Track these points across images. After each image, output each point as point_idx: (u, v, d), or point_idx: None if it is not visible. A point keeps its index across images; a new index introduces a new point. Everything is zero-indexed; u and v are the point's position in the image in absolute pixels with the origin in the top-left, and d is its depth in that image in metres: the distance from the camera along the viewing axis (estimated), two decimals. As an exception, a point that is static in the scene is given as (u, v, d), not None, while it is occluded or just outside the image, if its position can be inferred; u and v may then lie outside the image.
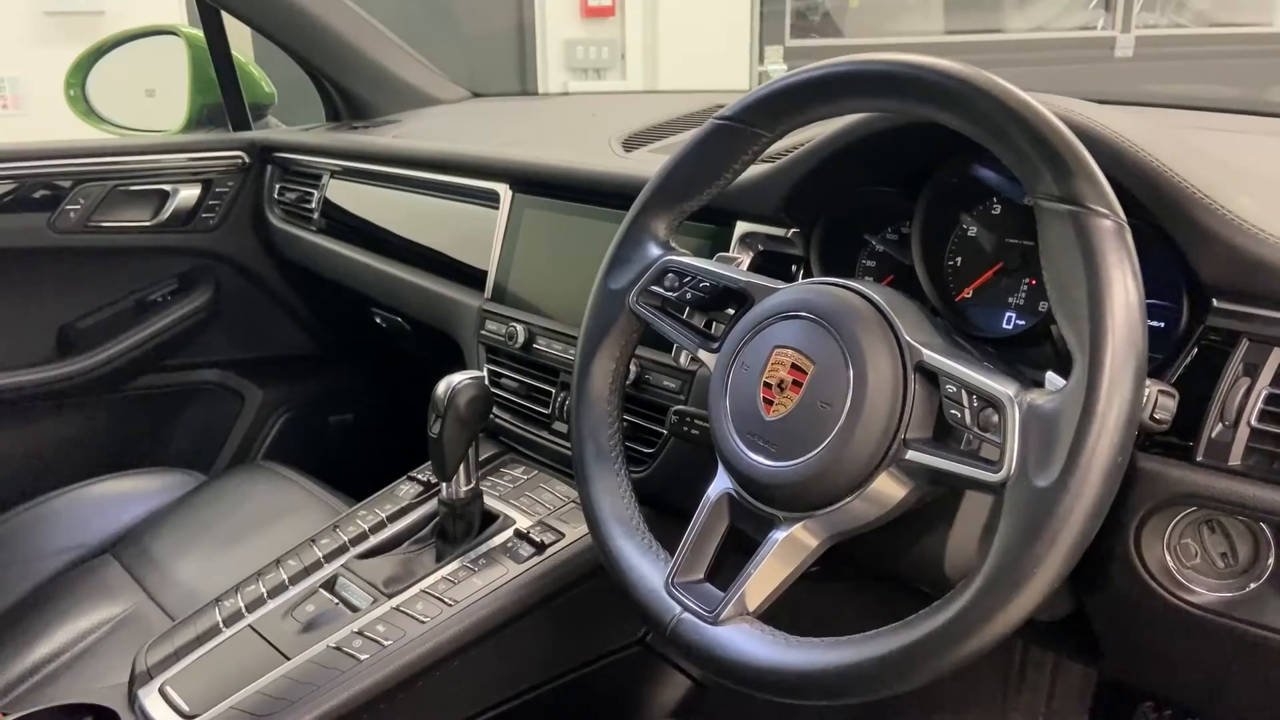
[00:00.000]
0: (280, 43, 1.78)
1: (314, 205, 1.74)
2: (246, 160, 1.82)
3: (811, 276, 1.01)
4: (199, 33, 1.82)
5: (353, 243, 1.67)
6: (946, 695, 1.41)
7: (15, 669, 1.22)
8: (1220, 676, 0.80)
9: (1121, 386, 0.61)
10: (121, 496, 1.54)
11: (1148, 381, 0.70)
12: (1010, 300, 0.91)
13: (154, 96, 2.09)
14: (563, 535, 1.10)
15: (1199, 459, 0.73)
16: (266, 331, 1.96)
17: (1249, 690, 0.80)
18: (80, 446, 1.79)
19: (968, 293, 0.94)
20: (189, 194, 1.77)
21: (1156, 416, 0.70)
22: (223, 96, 1.84)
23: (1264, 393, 0.71)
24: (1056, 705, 1.35)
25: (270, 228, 1.84)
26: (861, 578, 1.00)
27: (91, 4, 3.28)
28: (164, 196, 1.75)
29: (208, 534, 1.42)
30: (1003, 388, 0.66)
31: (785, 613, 0.78)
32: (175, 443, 1.91)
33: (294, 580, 1.11)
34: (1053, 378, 0.67)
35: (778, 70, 3.81)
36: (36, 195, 1.65)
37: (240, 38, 1.86)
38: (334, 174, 1.71)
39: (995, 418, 0.66)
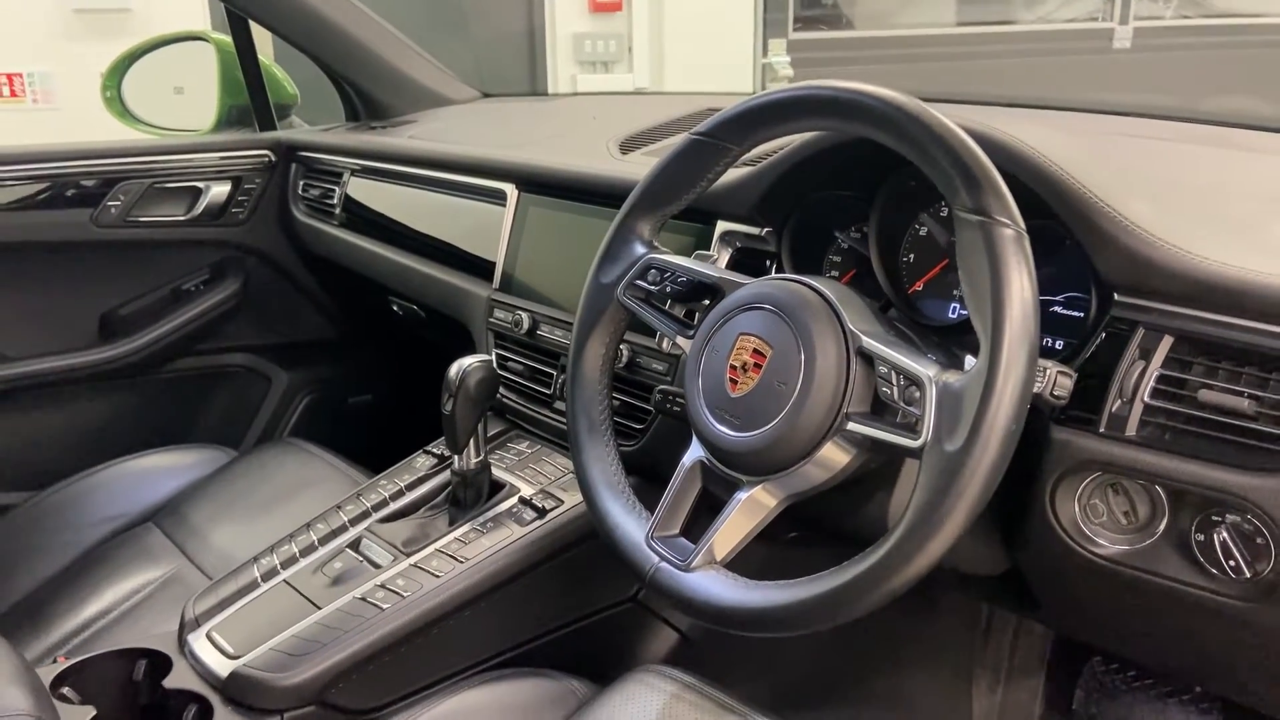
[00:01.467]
0: (304, 49, 1.87)
1: (336, 201, 1.83)
2: (272, 159, 1.92)
3: (783, 271, 1.13)
4: (227, 38, 1.91)
5: (372, 236, 1.76)
6: (919, 653, 1.52)
7: (69, 623, 1.33)
8: (1122, 618, 0.92)
9: (1016, 368, 0.73)
10: (160, 470, 1.64)
11: (1049, 364, 0.82)
12: (954, 293, 1.02)
13: (182, 93, 2.20)
14: (562, 502, 1.21)
15: (1101, 430, 0.84)
16: (291, 318, 2.05)
17: (1146, 630, 0.92)
18: (121, 424, 1.89)
19: (919, 286, 1.06)
20: (220, 190, 1.87)
21: (1055, 393, 0.82)
22: (250, 98, 1.94)
23: (1155, 374, 0.83)
24: (1018, 663, 1.46)
25: (295, 222, 1.93)
26: (824, 538, 1.11)
27: (118, 1, 3.35)
28: (197, 193, 1.85)
29: (241, 504, 1.52)
30: (924, 369, 0.78)
31: (750, 565, 0.90)
32: (207, 421, 2.01)
33: (323, 541, 1.22)
34: (971, 361, 0.79)
35: (781, 63, 3.90)
36: (80, 193, 1.76)
37: (260, 40, 1.94)
38: (354, 172, 1.80)
39: (918, 394, 0.78)
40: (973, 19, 4.14)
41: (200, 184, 1.86)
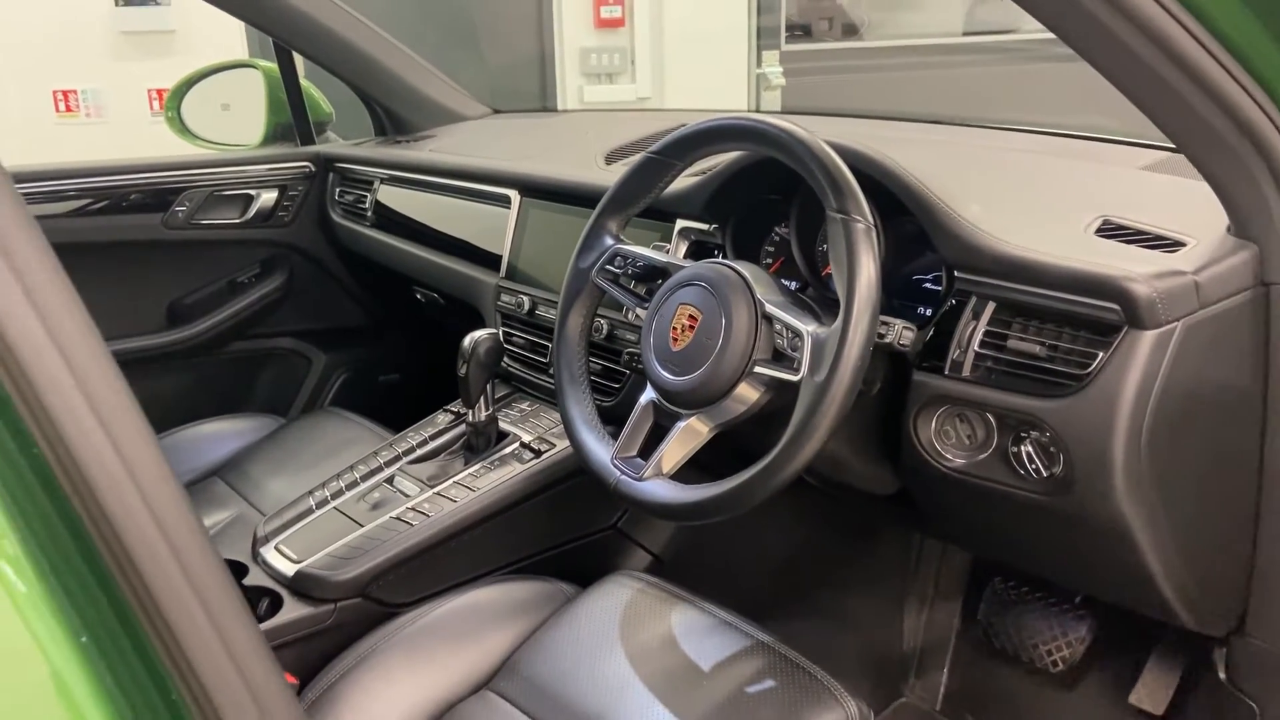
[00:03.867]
0: (339, 74, 2.14)
1: (368, 205, 2.09)
2: (313, 169, 2.18)
3: (727, 259, 1.41)
4: (272, 65, 2.19)
5: (399, 235, 2.01)
6: (859, 578, 1.78)
7: (154, 555, 1.64)
8: (974, 519, 1.20)
9: (862, 323, 1.01)
10: (221, 434, 1.91)
11: (898, 321, 1.10)
12: None
13: (229, 109, 2.48)
14: (555, 446, 1.49)
15: (946, 373, 1.13)
16: (329, 307, 2.31)
17: (991, 527, 1.20)
18: (186, 397, 2.15)
19: (829, 269, 1.34)
20: (268, 197, 2.14)
21: (901, 343, 1.10)
22: (292, 117, 2.22)
23: (983, 330, 1.10)
24: (941, 587, 1.73)
25: (332, 223, 2.20)
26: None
27: (162, 24, 3.56)
28: (249, 199, 2.12)
29: (291, 460, 1.77)
30: (804, 325, 1.06)
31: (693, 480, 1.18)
32: (258, 395, 2.27)
33: (363, 479, 1.51)
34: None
35: (774, 73, 4.17)
36: (152, 199, 2.04)
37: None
38: (383, 180, 2.07)
39: (799, 343, 1.06)
40: (975, 29, 4.34)
41: (252, 191, 2.12)
